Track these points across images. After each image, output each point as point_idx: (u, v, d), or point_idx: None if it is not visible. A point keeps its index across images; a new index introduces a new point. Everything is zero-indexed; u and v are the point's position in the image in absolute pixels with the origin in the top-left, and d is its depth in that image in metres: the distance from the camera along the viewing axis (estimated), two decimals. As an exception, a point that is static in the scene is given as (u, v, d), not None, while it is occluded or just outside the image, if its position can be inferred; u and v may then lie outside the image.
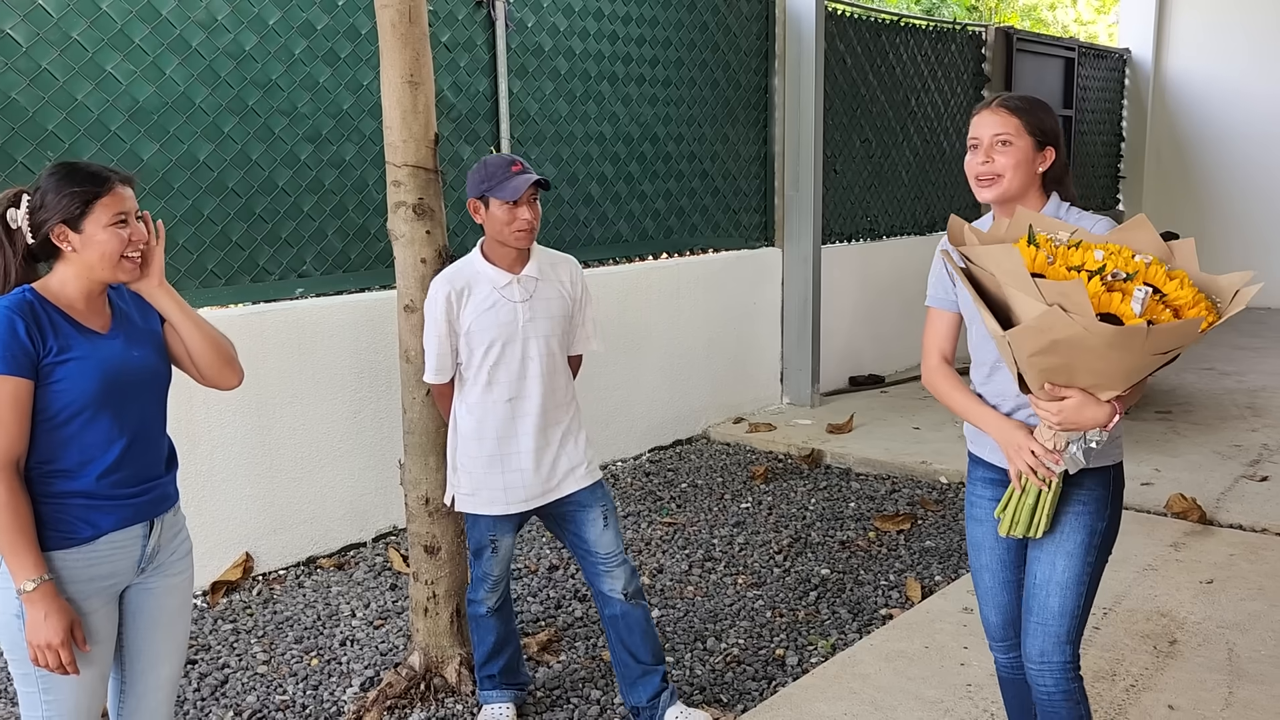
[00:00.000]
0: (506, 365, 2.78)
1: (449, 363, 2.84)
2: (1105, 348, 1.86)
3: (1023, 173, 2.17)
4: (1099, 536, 2.19)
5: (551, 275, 2.86)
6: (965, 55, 8.32)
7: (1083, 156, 10.17)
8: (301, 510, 4.31)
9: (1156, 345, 1.86)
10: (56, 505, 1.96)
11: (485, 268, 2.80)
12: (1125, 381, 1.95)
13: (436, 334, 2.81)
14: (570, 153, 5.41)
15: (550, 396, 2.83)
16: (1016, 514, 2.14)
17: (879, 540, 4.47)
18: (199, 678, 3.36)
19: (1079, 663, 2.25)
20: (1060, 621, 2.19)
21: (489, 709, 3.04)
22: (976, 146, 2.21)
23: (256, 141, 4.16)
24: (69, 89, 3.66)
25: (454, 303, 2.78)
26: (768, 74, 6.51)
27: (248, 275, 4.19)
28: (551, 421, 2.84)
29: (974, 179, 2.22)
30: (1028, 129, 2.18)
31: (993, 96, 2.29)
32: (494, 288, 2.78)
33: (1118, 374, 1.93)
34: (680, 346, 5.98)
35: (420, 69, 3.00)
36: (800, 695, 3.15)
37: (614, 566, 2.90)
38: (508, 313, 2.77)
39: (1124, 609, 3.67)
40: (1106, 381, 1.95)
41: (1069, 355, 1.91)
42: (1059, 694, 2.22)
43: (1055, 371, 1.96)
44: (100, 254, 1.97)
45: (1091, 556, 2.19)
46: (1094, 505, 2.18)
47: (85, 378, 1.95)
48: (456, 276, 2.82)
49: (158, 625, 2.12)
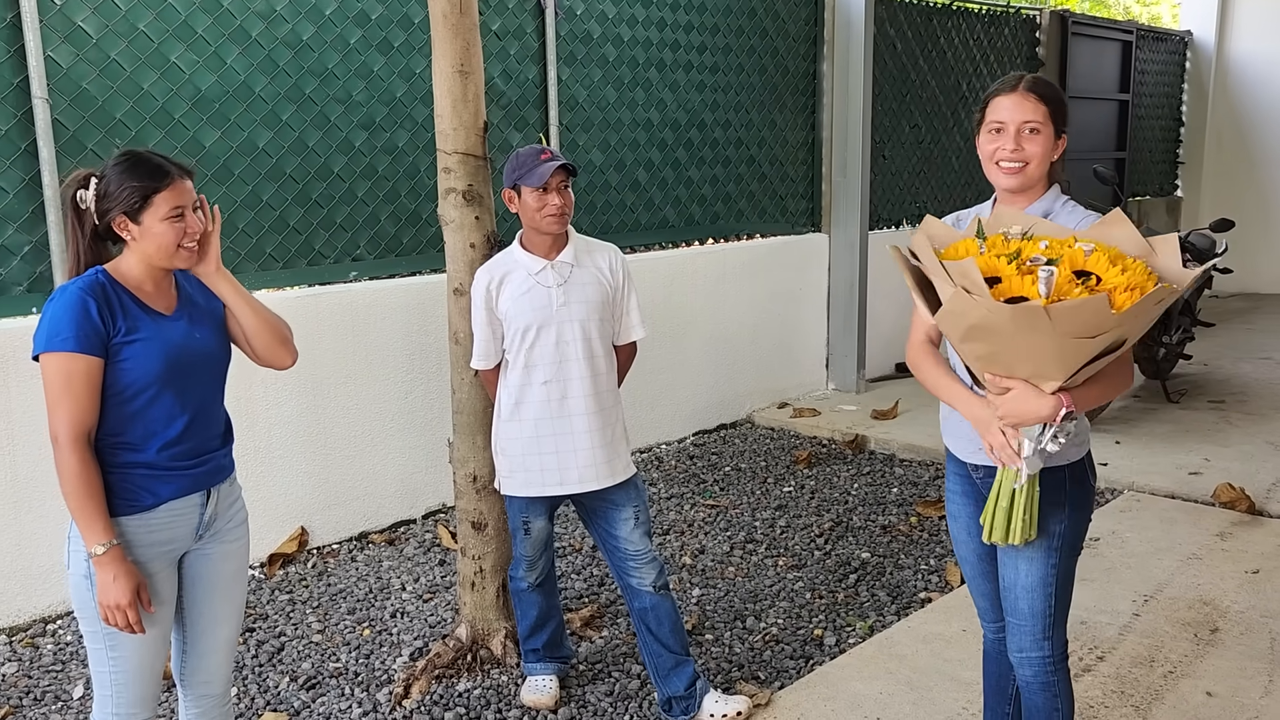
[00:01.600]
0: (542, 349, 2.85)
1: (493, 349, 2.93)
2: (1015, 330, 1.84)
3: (1045, 162, 2.16)
4: (1059, 539, 2.17)
5: (588, 262, 2.92)
6: (1019, 39, 8.22)
7: (1139, 142, 10.00)
8: (354, 487, 4.45)
9: (1067, 326, 1.82)
10: (122, 475, 2.07)
11: (522, 255, 2.89)
12: (1062, 370, 1.91)
13: (479, 322, 2.92)
14: (618, 139, 5.47)
15: (588, 383, 2.88)
16: (994, 517, 2.10)
17: (921, 525, 4.49)
18: (257, 645, 3.50)
19: (1063, 655, 2.26)
20: (1033, 621, 2.21)
21: (533, 680, 3.14)
22: (1001, 131, 2.14)
23: (313, 129, 4.28)
24: (135, 78, 3.80)
25: (493, 291, 2.88)
26: (816, 59, 6.51)
27: (304, 259, 4.32)
28: (590, 409, 2.88)
29: (995, 164, 2.16)
30: (1053, 117, 2.14)
31: (1014, 77, 2.18)
32: (529, 274, 2.86)
33: (1049, 361, 1.90)
34: (725, 331, 6.02)
35: (470, 58, 3.08)
36: (837, 674, 3.20)
37: (643, 564, 2.95)
38: (542, 297, 2.85)
39: (1165, 597, 3.67)
40: (1042, 370, 1.92)
41: (991, 341, 1.90)
42: (1036, 684, 2.25)
43: (990, 360, 1.96)
44: (157, 245, 2.07)
45: (1055, 559, 2.17)
46: (1051, 508, 2.14)
47: (151, 357, 2.06)
48: (495, 266, 2.92)
49: (215, 589, 2.23)
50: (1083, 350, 1.87)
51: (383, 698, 3.16)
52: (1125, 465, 5.07)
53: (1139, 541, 4.12)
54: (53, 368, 1.99)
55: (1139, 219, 9.82)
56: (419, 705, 3.10)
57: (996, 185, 2.21)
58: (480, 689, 3.19)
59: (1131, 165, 9.87)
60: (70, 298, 2.00)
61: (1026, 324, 1.83)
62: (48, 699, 3.19)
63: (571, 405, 2.87)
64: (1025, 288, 1.85)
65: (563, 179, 2.81)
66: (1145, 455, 5.23)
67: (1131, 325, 1.88)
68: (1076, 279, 1.86)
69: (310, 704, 3.15)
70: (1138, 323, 1.89)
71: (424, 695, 3.15)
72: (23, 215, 3.62)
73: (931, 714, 2.97)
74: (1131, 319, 1.85)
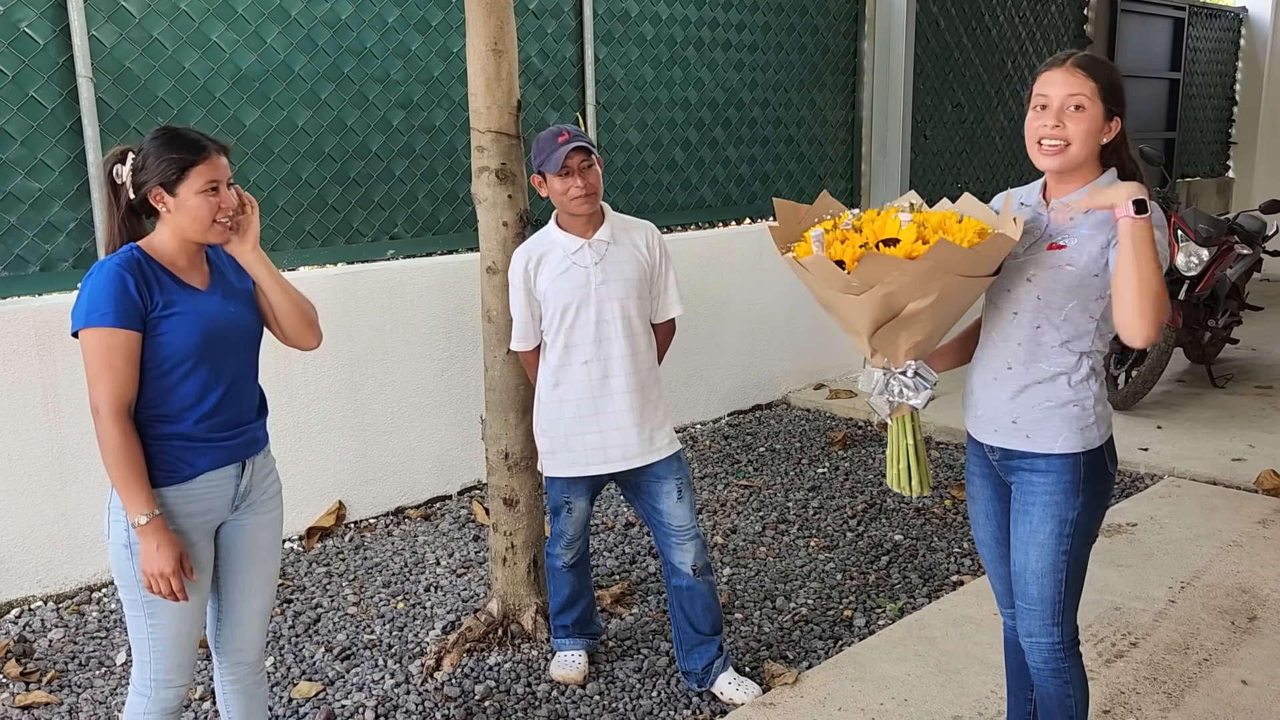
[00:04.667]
0: (581, 328, 2.85)
1: (532, 330, 2.94)
2: (809, 284, 2.14)
3: (1091, 142, 2.05)
4: (1070, 525, 2.14)
5: (625, 239, 2.91)
6: (1066, 16, 8.07)
7: (1190, 122, 9.78)
8: (391, 462, 4.50)
9: (820, 279, 2.09)
10: (160, 446, 2.11)
11: (559, 235, 2.89)
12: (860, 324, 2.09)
13: (517, 303, 2.92)
14: (655, 118, 5.45)
15: (628, 361, 2.88)
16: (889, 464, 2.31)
17: (955, 508, 4.46)
18: (294, 615, 3.57)
19: (1074, 643, 2.24)
20: (1042, 607, 2.19)
21: (562, 655, 3.17)
22: (1045, 107, 2.06)
23: (352, 108, 4.32)
24: (177, 57, 3.86)
25: (531, 272, 2.88)
26: (857, 37, 6.44)
27: (342, 237, 4.37)
28: (631, 387, 2.88)
29: (1035, 143, 2.09)
30: (1102, 94, 2.03)
31: (1065, 53, 2.10)
32: (566, 253, 2.86)
33: (848, 317, 2.12)
34: (762, 312, 6.00)
35: (504, 37, 3.09)
36: (865, 655, 3.20)
37: (686, 540, 2.96)
38: (579, 276, 2.85)
39: (1203, 584, 3.62)
40: (851, 326, 2.14)
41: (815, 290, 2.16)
42: (1047, 671, 2.24)
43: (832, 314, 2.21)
44: (192, 218, 2.10)
45: (1065, 545, 2.15)
46: (1061, 494, 2.14)
47: (187, 332, 2.10)
48: (533, 246, 2.92)
49: (251, 559, 2.28)
50: (856, 305, 2.06)
51: (415, 669, 3.21)
52: (1167, 450, 4.99)
53: (1177, 528, 4.07)
54: (92, 342, 2.03)
55: (1188, 199, 9.63)
56: (450, 677, 3.15)
57: (1038, 166, 2.13)
58: (510, 663, 3.23)
59: (1181, 146, 9.67)
60: (108, 273, 2.04)
61: (800, 274, 2.14)
62: (92, 664, 3.28)
63: (613, 384, 2.87)
64: (807, 246, 2.12)
65: (583, 159, 2.79)
66: (1187, 440, 5.14)
67: (900, 288, 2.02)
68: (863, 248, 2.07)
69: (344, 674, 3.21)
70: (906, 286, 2.02)
71: (455, 668, 3.19)
72: (68, 192, 3.70)
73: (960, 696, 2.96)
74: (884, 279, 2.01)
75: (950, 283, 2.04)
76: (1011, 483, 2.24)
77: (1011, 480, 2.24)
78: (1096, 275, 2.07)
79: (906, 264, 2.00)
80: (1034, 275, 2.12)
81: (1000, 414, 2.20)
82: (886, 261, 2.01)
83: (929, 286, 2.02)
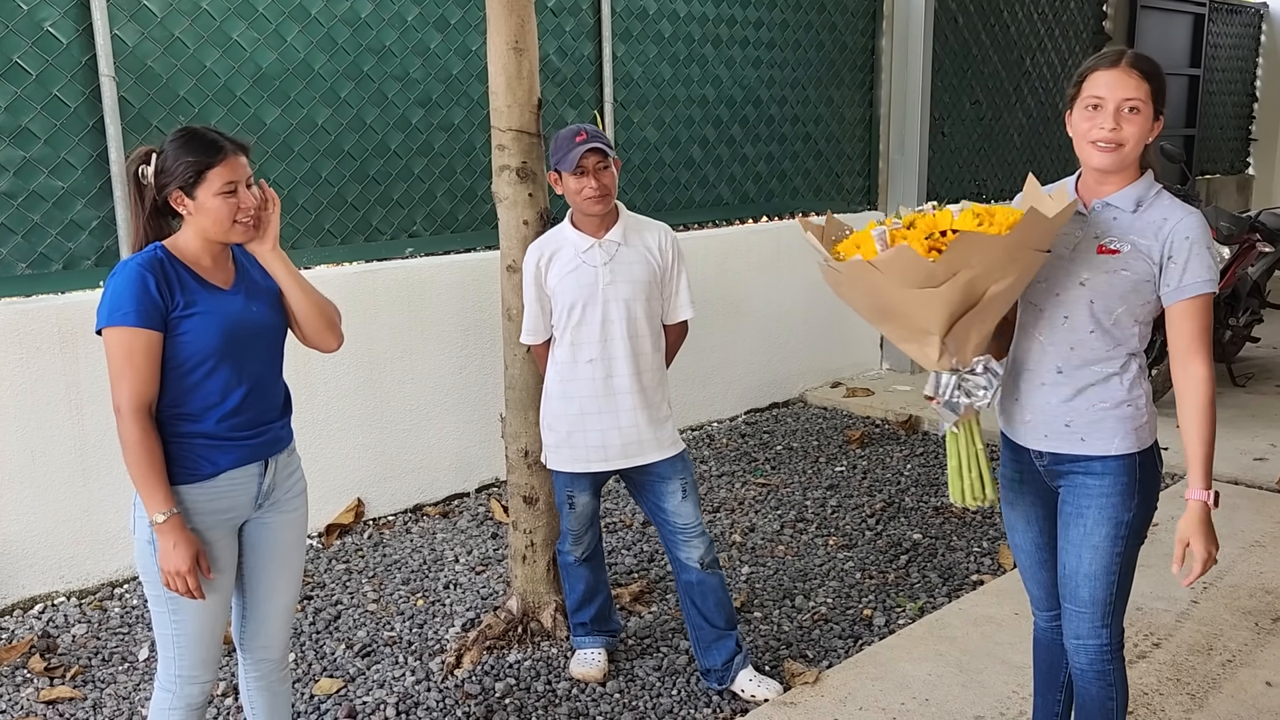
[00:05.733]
0: (587, 327, 2.87)
1: (541, 325, 2.95)
2: (863, 288, 2.05)
3: (1142, 144, 2.04)
4: (1125, 527, 2.13)
5: (637, 241, 2.91)
6: (1085, 12, 8.02)
7: (1210, 119, 9.71)
8: (410, 460, 4.52)
9: (896, 275, 1.97)
10: (182, 444, 2.12)
11: (572, 233, 2.90)
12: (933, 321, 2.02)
13: (529, 297, 2.95)
14: (673, 116, 5.45)
15: (633, 362, 2.88)
16: (952, 479, 2.21)
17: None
18: (314, 612, 3.59)
19: (1119, 644, 2.23)
20: (1093, 609, 2.17)
21: (582, 653, 3.18)
22: (1099, 108, 2.03)
23: (371, 106, 4.33)
24: (198, 56, 3.87)
25: (542, 268, 2.90)
26: (874, 35, 6.42)
27: (361, 235, 4.38)
28: (634, 388, 2.89)
29: (1090, 143, 2.05)
30: (1153, 97, 2.02)
31: (1115, 52, 2.07)
32: (576, 252, 2.87)
33: (916, 313, 2.03)
34: (779, 310, 5.99)
35: (525, 35, 3.09)
36: (885, 654, 3.19)
37: (692, 537, 2.96)
38: (588, 275, 2.86)
39: (1226, 584, 3.60)
40: (919, 324, 2.05)
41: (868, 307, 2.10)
42: (1091, 673, 2.22)
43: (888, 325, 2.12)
44: (212, 219, 2.10)
45: (1119, 548, 2.14)
46: (1117, 496, 2.13)
47: (209, 331, 2.10)
48: (546, 243, 2.94)
49: (274, 557, 2.29)
50: (935, 299, 1.97)
51: (435, 667, 3.22)
52: (1187, 450, 4.96)
53: (1199, 528, 4.03)
54: (114, 342, 2.04)
55: (1208, 197, 9.56)
56: (470, 675, 3.16)
57: (1088, 164, 2.10)
58: (530, 660, 3.23)
59: (1201, 142, 9.60)
60: (130, 273, 2.05)
61: (866, 277, 2.01)
62: (115, 659, 3.31)
63: (616, 384, 2.89)
64: (871, 247, 2.01)
65: (599, 160, 2.79)
66: (1208, 440, 5.10)
67: (982, 271, 1.95)
68: (929, 239, 1.98)
69: (365, 671, 3.22)
70: (990, 267, 1.95)
71: (475, 665, 3.20)
72: (90, 191, 3.72)
73: (981, 696, 2.95)
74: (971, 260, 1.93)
75: (1026, 260, 2.00)
76: (1060, 487, 2.21)
77: (1060, 484, 2.21)
78: (1148, 281, 2.07)
79: (998, 240, 1.94)
80: (1088, 279, 2.10)
81: (1052, 418, 2.17)
82: (979, 240, 1.92)
83: (1010, 266, 1.98)
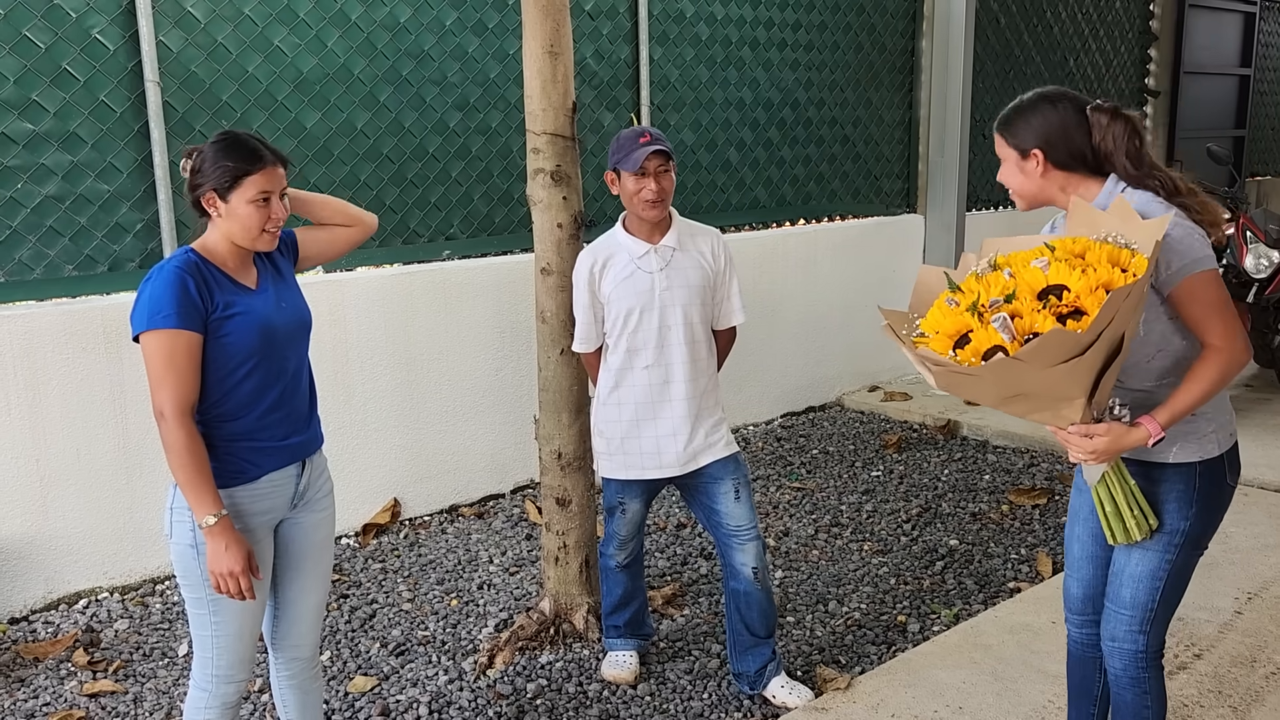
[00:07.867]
0: (644, 333, 2.86)
1: (594, 332, 2.95)
2: (1008, 380, 1.85)
3: (1027, 182, 2.16)
4: (1180, 535, 2.10)
5: (690, 246, 2.91)
6: (1131, 12, 7.90)
7: (1261, 119, 9.52)
8: (445, 461, 4.55)
9: (1045, 360, 1.79)
10: (226, 447, 2.14)
11: (625, 239, 2.89)
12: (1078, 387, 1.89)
13: (580, 304, 2.93)
14: (710, 119, 5.44)
15: (689, 367, 2.88)
16: (1107, 523, 2.10)
17: (1012, 514, 4.39)
18: (350, 610, 3.63)
19: (1158, 653, 2.20)
20: (1132, 611, 2.15)
21: (614, 655, 3.18)
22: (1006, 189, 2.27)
23: (409, 110, 4.37)
24: (241, 62, 3.93)
25: (596, 275, 2.89)
26: (914, 36, 6.37)
27: (399, 237, 4.42)
28: (689, 393, 2.88)
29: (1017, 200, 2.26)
30: (1009, 143, 2.17)
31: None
32: (631, 258, 2.86)
33: (1058, 386, 1.88)
34: (816, 313, 5.96)
35: (560, 39, 3.10)
36: (919, 661, 3.17)
37: (746, 540, 2.94)
38: (644, 282, 2.85)
39: (1271, 595, 3.52)
40: (1061, 394, 1.90)
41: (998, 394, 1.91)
42: (1125, 678, 2.20)
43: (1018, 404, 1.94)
44: (242, 225, 2.12)
45: (1171, 554, 2.11)
46: (1174, 504, 2.10)
47: (248, 331, 2.12)
48: (600, 249, 2.92)
49: (307, 556, 2.32)
50: (1081, 366, 1.84)
51: (468, 666, 3.24)
52: (1233, 457, 4.86)
53: (1244, 537, 3.96)
54: (155, 345, 2.04)
55: (1258, 199, 9.37)
56: (502, 675, 3.18)
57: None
58: (562, 661, 3.24)
59: (1251, 143, 9.41)
60: (169, 275, 2.06)
61: (1008, 373, 1.83)
62: (155, 655, 3.36)
63: (673, 390, 2.88)
64: (994, 336, 1.83)
65: (661, 163, 2.78)
66: (1255, 448, 5.00)
67: (1118, 321, 1.82)
68: (1040, 301, 1.84)
69: (399, 669, 3.25)
70: (1123, 315, 1.82)
71: (507, 666, 3.22)
72: (135, 194, 3.79)
73: (1016, 706, 2.91)
74: (1113, 317, 1.79)
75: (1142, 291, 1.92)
76: None
77: None
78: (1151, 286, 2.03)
79: (1139, 284, 1.83)
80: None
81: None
82: (1121, 291, 1.79)
83: (1141, 303, 1.92)
